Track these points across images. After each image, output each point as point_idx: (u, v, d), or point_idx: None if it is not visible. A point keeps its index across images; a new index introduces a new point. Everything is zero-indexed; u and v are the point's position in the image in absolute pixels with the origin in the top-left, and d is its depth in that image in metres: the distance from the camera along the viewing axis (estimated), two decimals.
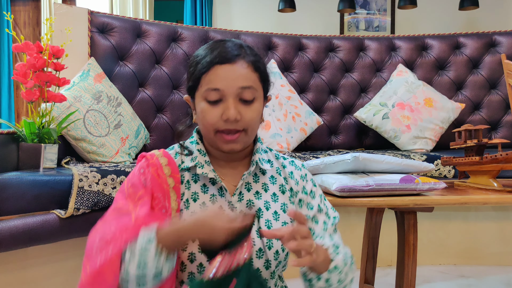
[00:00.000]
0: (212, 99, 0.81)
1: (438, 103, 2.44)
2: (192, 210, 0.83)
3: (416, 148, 2.36)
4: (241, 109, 0.81)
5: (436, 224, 2.23)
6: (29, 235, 1.30)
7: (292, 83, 2.55)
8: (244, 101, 0.82)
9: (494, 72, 2.65)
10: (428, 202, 1.26)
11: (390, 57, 2.70)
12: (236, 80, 0.80)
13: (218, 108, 0.81)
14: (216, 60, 0.81)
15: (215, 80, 0.80)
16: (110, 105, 1.97)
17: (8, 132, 1.57)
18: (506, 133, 2.61)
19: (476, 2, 3.29)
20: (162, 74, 2.33)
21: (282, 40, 2.62)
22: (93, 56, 2.14)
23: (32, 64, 1.60)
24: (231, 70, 0.80)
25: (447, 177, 2.02)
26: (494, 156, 1.35)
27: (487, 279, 2.04)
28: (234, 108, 0.80)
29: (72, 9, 2.18)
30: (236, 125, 0.81)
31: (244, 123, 0.82)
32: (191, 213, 0.81)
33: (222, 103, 0.81)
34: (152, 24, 2.39)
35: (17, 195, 1.33)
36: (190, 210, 0.83)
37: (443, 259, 2.25)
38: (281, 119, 2.28)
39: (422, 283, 1.96)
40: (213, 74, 0.80)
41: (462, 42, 2.71)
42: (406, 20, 3.84)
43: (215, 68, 0.81)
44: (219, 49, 0.82)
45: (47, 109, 1.67)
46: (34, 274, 1.43)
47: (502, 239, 2.25)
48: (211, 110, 0.81)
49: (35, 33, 4.33)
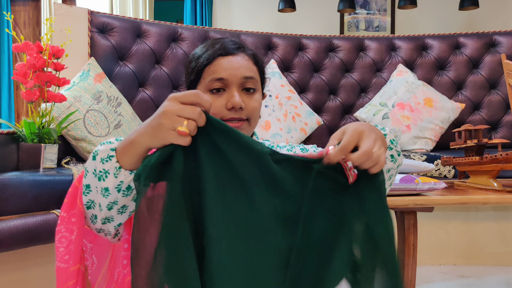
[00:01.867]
0: (216, 89, 0.82)
1: (438, 103, 2.44)
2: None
3: (416, 148, 2.36)
4: (244, 98, 0.83)
5: (436, 224, 2.23)
6: (29, 235, 1.30)
7: (292, 83, 2.55)
8: (246, 92, 0.83)
9: (494, 72, 2.65)
10: (428, 202, 1.26)
11: (390, 57, 2.70)
12: (239, 69, 0.82)
13: (221, 98, 0.82)
14: (219, 52, 0.83)
15: (219, 70, 0.82)
16: (110, 105, 1.97)
17: (8, 132, 1.57)
18: (506, 133, 2.61)
19: (476, 2, 3.29)
20: (162, 74, 2.33)
21: (282, 40, 2.62)
22: (93, 56, 2.14)
23: (32, 64, 1.60)
24: (234, 60, 0.83)
25: (447, 177, 2.02)
26: (494, 156, 1.35)
27: (487, 279, 2.04)
28: (239, 96, 0.81)
29: (72, 9, 2.18)
30: (240, 114, 0.82)
31: (247, 112, 0.83)
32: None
33: (225, 93, 0.82)
34: (152, 24, 2.39)
35: (17, 195, 1.33)
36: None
37: (443, 259, 2.25)
38: (281, 119, 2.28)
39: (422, 283, 1.96)
40: (217, 65, 0.82)
41: (462, 42, 2.71)
42: (406, 20, 3.84)
43: (218, 59, 0.83)
44: (220, 43, 0.85)
45: (47, 109, 1.67)
46: (34, 274, 1.43)
47: (502, 239, 2.25)
48: (215, 100, 0.82)
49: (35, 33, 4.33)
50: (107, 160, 0.63)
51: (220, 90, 0.82)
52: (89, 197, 0.68)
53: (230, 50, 0.83)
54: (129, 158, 0.62)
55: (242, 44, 0.87)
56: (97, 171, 0.64)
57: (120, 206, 0.67)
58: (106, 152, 0.64)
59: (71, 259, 0.69)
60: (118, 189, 0.64)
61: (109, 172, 0.63)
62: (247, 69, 0.83)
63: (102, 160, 0.63)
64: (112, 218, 0.68)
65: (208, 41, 0.88)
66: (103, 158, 0.63)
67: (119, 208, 0.67)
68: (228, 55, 0.83)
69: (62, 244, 0.70)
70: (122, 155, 0.62)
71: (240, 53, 0.84)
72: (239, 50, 0.84)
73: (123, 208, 0.67)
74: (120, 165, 0.63)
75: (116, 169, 0.63)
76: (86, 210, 0.69)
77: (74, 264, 0.69)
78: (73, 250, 0.69)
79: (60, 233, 0.70)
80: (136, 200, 0.60)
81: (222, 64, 0.82)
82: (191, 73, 0.86)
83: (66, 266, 0.69)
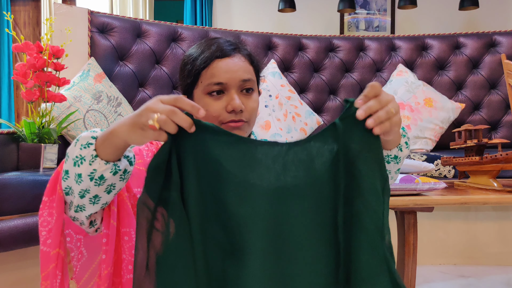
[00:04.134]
0: (214, 93, 0.82)
1: (438, 103, 2.44)
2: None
3: (416, 148, 2.36)
4: (243, 100, 0.82)
5: (436, 224, 2.23)
6: (29, 235, 1.30)
7: (292, 83, 2.55)
8: (245, 93, 0.83)
9: (494, 72, 2.65)
10: (428, 202, 1.26)
11: (390, 57, 2.70)
12: (237, 72, 0.82)
13: (220, 101, 0.82)
14: (216, 54, 0.82)
15: (218, 74, 0.81)
16: (110, 105, 1.97)
17: (8, 132, 1.57)
18: (506, 133, 2.61)
19: (476, 2, 3.29)
20: (162, 74, 2.33)
21: (282, 40, 2.62)
22: (93, 56, 2.14)
23: (32, 64, 1.60)
24: (231, 63, 0.82)
25: (447, 177, 2.02)
26: (494, 156, 1.35)
27: (487, 279, 2.04)
28: (238, 99, 0.81)
29: (72, 9, 2.18)
30: (240, 116, 0.82)
31: (247, 113, 0.83)
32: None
33: (224, 96, 0.82)
34: (152, 24, 2.39)
35: (17, 195, 1.33)
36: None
37: (443, 259, 2.25)
38: (281, 119, 2.28)
39: (422, 283, 1.95)
40: (214, 68, 0.81)
41: (462, 42, 2.71)
42: (406, 20, 3.84)
43: (215, 62, 0.82)
44: (216, 45, 0.84)
45: (47, 109, 1.67)
46: (34, 274, 1.43)
47: (502, 239, 2.25)
48: (214, 103, 0.82)
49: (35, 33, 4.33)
50: (85, 147, 0.65)
51: (219, 93, 0.82)
52: (67, 183, 0.69)
53: (227, 52, 0.83)
54: (106, 148, 0.64)
55: (237, 44, 0.86)
56: (75, 156, 0.65)
57: (92, 196, 0.67)
58: (86, 139, 0.65)
59: (53, 243, 0.71)
60: (90, 177, 0.65)
61: (85, 159, 0.65)
62: (245, 71, 0.83)
63: (81, 147, 0.65)
64: (84, 207, 0.69)
65: (203, 41, 0.87)
66: (83, 144, 0.65)
67: (91, 197, 0.67)
68: (225, 57, 0.82)
69: (45, 228, 0.72)
70: (101, 144, 0.64)
71: (237, 54, 0.84)
72: (235, 51, 0.84)
73: (95, 198, 0.68)
74: (97, 154, 0.64)
75: (92, 157, 0.64)
76: (65, 196, 0.71)
77: (53, 248, 0.71)
78: (53, 234, 0.71)
79: (42, 217, 0.73)
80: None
81: (220, 68, 0.81)
82: (187, 76, 0.85)
83: (48, 249, 0.72)
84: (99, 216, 0.74)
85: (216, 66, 0.81)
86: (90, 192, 0.67)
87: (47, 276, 0.71)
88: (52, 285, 0.71)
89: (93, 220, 0.74)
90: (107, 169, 0.65)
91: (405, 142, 0.79)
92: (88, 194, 0.67)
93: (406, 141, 0.80)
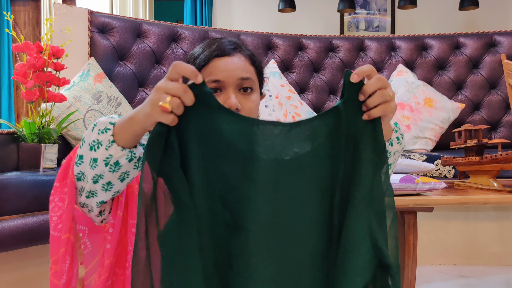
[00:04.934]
0: (212, 89, 0.81)
1: (438, 103, 2.44)
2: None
3: (416, 148, 2.36)
4: (241, 99, 0.82)
5: (436, 224, 2.23)
6: (29, 235, 1.30)
7: (292, 83, 2.55)
8: (243, 92, 0.83)
9: (494, 72, 2.65)
10: (428, 202, 1.26)
11: (390, 57, 2.70)
12: (235, 71, 0.81)
13: (218, 99, 0.81)
14: (215, 53, 0.82)
15: (215, 71, 0.81)
16: (110, 105, 1.97)
17: (8, 132, 1.57)
18: (506, 133, 2.61)
19: (476, 2, 3.29)
20: (162, 74, 2.33)
21: (282, 40, 2.62)
22: (93, 56, 2.14)
23: (32, 64, 1.60)
24: (230, 62, 0.82)
25: (447, 177, 2.02)
26: (494, 156, 1.35)
27: (487, 279, 2.04)
28: (235, 98, 0.81)
29: (72, 9, 2.18)
30: None
31: (244, 113, 0.82)
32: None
33: (221, 94, 0.82)
34: (152, 24, 2.39)
35: (17, 195, 1.33)
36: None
37: (443, 259, 2.25)
38: (281, 119, 2.28)
39: (422, 283, 1.96)
40: (213, 66, 0.82)
41: (462, 42, 2.71)
42: (406, 20, 3.84)
43: (214, 60, 0.82)
44: (216, 44, 0.84)
45: (47, 109, 1.67)
46: (35, 274, 1.43)
47: (502, 239, 2.25)
48: None
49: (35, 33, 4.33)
50: (103, 132, 0.65)
51: (217, 91, 0.82)
52: (80, 168, 0.69)
53: (226, 51, 0.83)
54: (124, 134, 0.64)
55: (239, 44, 0.86)
56: (91, 140, 0.65)
57: (106, 182, 0.67)
58: (104, 124, 0.65)
59: (63, 228, 0.71)
60: (106, 162, 0.65)
61: (102, 144, 0.65)
62: (243, 70, 0.82)
63: (99, 131, 0.65)
64: (96, 193, 0.69)
65: (206, 41, 0.88)
66: (100, 129, 0.65)
67: (104, 183, 0.68)
68: (224, 56, 0.82)
69: (56, 213, 0.72)
70: (119, 129, 0.64)
71: (237, 54, 0.83)
72: (235, 51, 0.84)
73: (108, 185, 0.68)
74: (114, 139, 0.64)
75: (109, 142, 0.64)
76: (76, 182, 0.71)
77: (64, 233, 0.71)
78: (64, 219, 0.71)
79: (53, 202, 0.72)
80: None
81: (218, 66, 0.81)
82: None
83: (59, 234, 0.71)
84: (108, 206, 0.75)
85: (214, 65, 0.82)
86: (104, 178, 0.67)
87: (57, 260, 0.72)
88: (61, 269, 0.71)
89: (102, 210, 0.74)
90: (123, 156, 0.65)
91: (396, 138, 0.79)
92: (101, 180, 0.67)
93: (398, 136, 0.80)
